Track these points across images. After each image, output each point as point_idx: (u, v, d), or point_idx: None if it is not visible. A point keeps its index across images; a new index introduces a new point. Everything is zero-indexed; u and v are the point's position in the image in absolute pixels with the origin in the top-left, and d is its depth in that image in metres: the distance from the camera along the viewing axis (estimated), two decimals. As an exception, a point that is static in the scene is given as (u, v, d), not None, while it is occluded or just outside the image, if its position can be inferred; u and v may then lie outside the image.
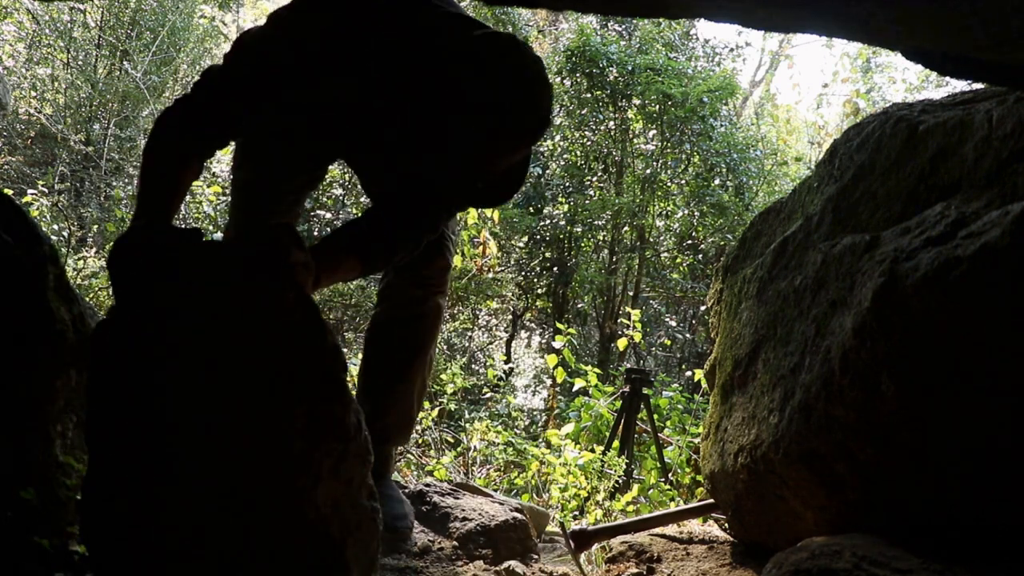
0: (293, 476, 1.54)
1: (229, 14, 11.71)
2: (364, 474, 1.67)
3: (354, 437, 1.62)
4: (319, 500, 1.58)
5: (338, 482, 1.60)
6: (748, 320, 2.50)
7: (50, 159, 9.00)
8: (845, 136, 2.52)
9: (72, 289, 1.74)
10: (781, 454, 2.09)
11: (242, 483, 1.51)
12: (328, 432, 1.59)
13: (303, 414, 1.55)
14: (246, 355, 1.52)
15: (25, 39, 9.28)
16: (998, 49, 1.51)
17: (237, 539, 1.52)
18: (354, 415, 1.63)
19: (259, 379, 1.52)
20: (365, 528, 1.66)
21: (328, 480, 1.58)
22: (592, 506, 3.78)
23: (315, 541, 1.57)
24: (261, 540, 1.53)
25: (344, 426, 1.61)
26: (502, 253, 9.37)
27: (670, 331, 10.53)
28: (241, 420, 1.51)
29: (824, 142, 12.57)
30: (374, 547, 1.71)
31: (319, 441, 1.58)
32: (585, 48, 9.42)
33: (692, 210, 9.74)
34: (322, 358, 1.58)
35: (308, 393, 1.56)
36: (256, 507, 1.53)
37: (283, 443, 1.53)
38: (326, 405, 1.57)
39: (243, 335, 1.53)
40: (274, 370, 1.54)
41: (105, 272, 5.97)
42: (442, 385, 5.72)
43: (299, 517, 1.55)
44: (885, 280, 1.77)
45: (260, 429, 1.52)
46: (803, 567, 1.72)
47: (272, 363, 1.54)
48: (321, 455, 1.58)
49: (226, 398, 1.50)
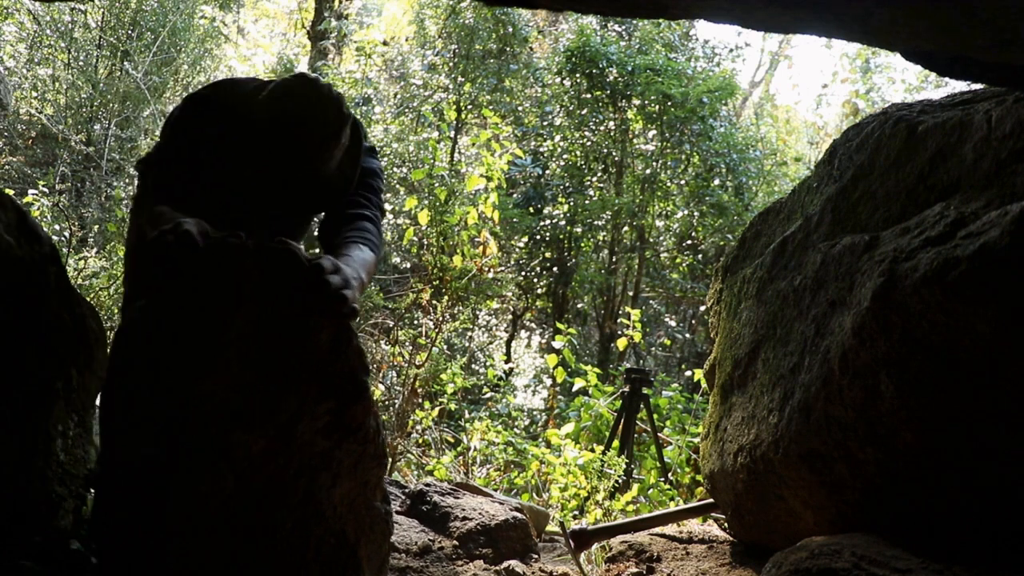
0: (314, 474, 1.57)
1: (229, 15, 11.71)
2: (379, 477, 1.70)
3: (372, 439, 1.65)
4: (336, 499, 1.61)
5: (355, 482, 1.63)
6: (748, 320, 2.50)
7: (51, 159, 9.01)
8: (844, 136, 2.52)
9: (73, 289, 1.74)
10: (781, 454, 2.09)
11: (263, 479, 1.53)
12: (349, 433, 1.61)
13: (326, 413, 1.58)
14: (276, 354, 1.53)
15: (26, 40, 9.28)
16: (998, 49, 1.51)
17: (255, 535, 1.53)
18: (373, 419, 1.65)
19: (288, 377, 1.54)
20: (378, 530, 1.70)
21: (346, 480, 1.61)
22: (592, 506, 3.78)
23: (331, 539, 1.59)
24: (279, 536, 1.55)
25: (364, 428, 1.63)
26: (502, 253, 9.37)
27: (670, 331, 10.53)
28: (267, 416, 1.52)
29: (823, 142, 12.58)
30: (386, 549, 1.74)
31: (340, 441, 1.60)
32: (585, 48, 9.43)
33: (692, 210, 9.74)
34: (348, 360, 1.60)
35: (333, 393, 1.58)
36: (276, 503, 1.54)
37: (307, 441, 1.55)
38: (349, 406, 1.59)
39: (275, 336, 1.54)
40: (303, 369, 1.55)
41: (105, 272, 5.97)
42: (442, 385, 5.72)
43: (317, 514, 1.58)
44: (884, 280, 1.77)
45: (286, 426, 1.54)
46: (803, 567, 1.72)
47: (302, 362, 1.55)
48: (342, 454, 1.60)
49: (255, 397, 1.51)
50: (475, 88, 9.98)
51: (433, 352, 6.38)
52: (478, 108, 9.98)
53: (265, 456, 1.53)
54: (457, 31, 10.10)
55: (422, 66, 10.48)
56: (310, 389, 1.55)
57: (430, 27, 10.71)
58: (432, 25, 10.69)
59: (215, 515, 1.50)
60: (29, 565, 1.51)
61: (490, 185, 5.97)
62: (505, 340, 11.09)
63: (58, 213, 6.66)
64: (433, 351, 6.38)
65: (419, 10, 10.90)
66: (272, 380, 1.52)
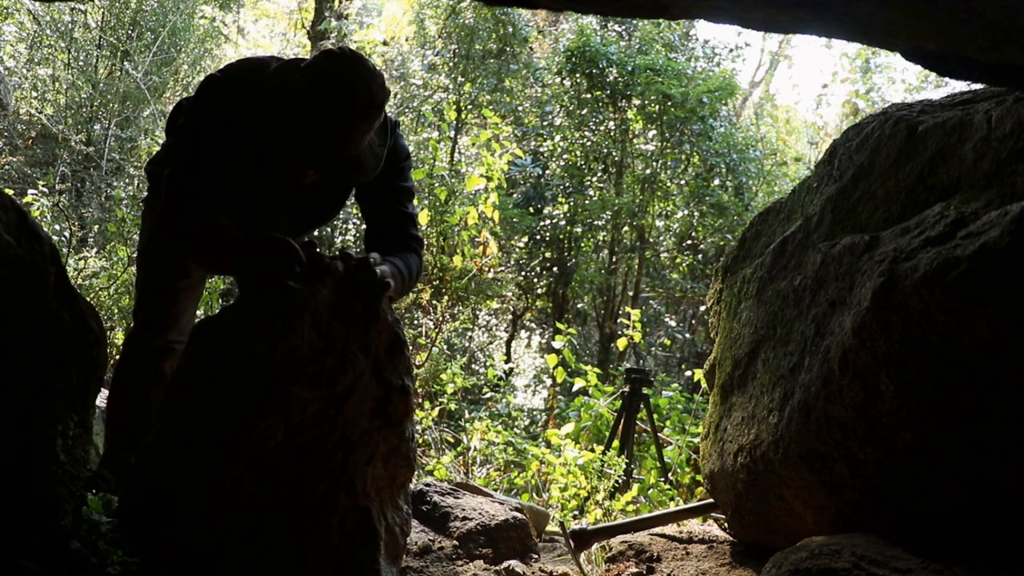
0: (352, 448, 1.79)
1: (229, 15, 11.71)
2: (406, 479, 1.92)
3: (406, 441, 1.89)
4: (368, 479, 1.81)
5: (386, 472, 1.86)
6: (748, 320, 2.50)
7: (51, 159, 9.00)
8: (844, 136, 2.52)
9: (73, 289, 1.74)
10: (781, 454, 2.09)
11: (308, 440, 1.73)
12: (389, 424, 1.85)
13: (373, 400, 1.82)
14: (342, 333, 1.79)
15: (26, 40, 9.28)
16: (998, 49, 1.52)
17: (288, 492, 1.72)
18: (410, 425, 1.91)
19: (347, 355, 1.79)
20: (399, 526, 1.89)
21: (379, 465, 1.84)
22: (592, 506, 3.78)
23: (356, 514, 1.79)
24: (310, 498, 1.74)
25: (402, 426, 1.88)
26: (502, 253, 9.36)
27: (670, 331, 10.53)
28: (326, 383, 1.76)
29: (823, 142, 12.57)
30: (402, 544, 1.92)
31: (381, 428, 1.84)
32: (585, 48, 9.42)
33: (692, 210, 9.73)
34: (399, 361, 1.87)
35: (382, 383, 1.83)
36: (314, 466, 1.74)
37: (353, 418, 1.79)
38: (392, 399, 1.85)
39: (343, 321, 1.80)
40: (361, 353, 1.81)
41: (105, 272, 5.97)
42: (442, 385, 5.72)
43: (348, 486, 1.78)
44: (884, 280, 1.77)
45: (339, 398, 1.77)
46: (803, 566, 1.72)
47: (361, 347, 1.81)
48: (379, 439, 1.83)
49: (319, 362, 1.75)
50: (475, 88, 9.98)
51: (433, 352, 6.38)
52: (478, 108, 9.98)
53: (315, 419, 1.75)
54: (457, 31, 10.10)
55: (422, 66, 10.48)
56: (364, 371, 1.81)
57: (430, 27, 10.70)
58: (432, 25, 10.68)
59: (257, 467, 1.69)
60: (29, 565, 1.51)
61: (490, 185, 5.97)
62: (505, 340, 11.08)
63: (58, 213, 6.65)
64: (433, 351, 6.38)
65: (419, 10, 10.89)
66: (333, 353, 1.77)
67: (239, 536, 1.70)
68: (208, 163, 2.00)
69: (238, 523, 1.70)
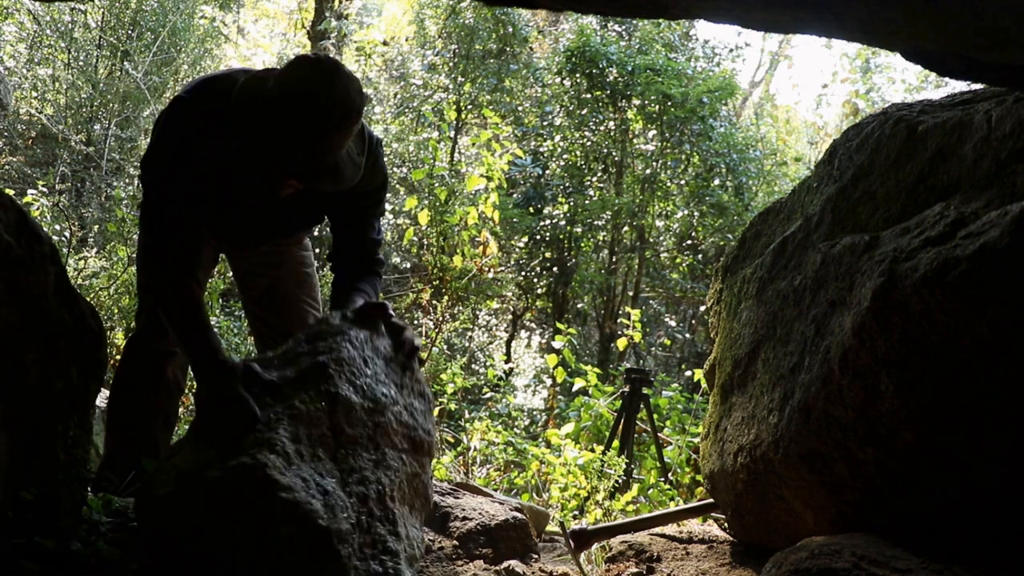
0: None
1: (229, 15, 11.71)
2: (427, 467, 2.07)
3: (428, 434, 2.06)
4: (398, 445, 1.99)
5: (414, 457, 2.02)
6: (748, 320, 2.50)
7: (51, 159, 9.00)
8: (844, 136, 2.52)
9: (73, 289, 1.74)
10: (781, 454, 2.09)
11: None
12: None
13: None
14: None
15: (26, 40, 9.28)
16: (998, 49, 1.52)
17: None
18: (433, 428, 2.09)
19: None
20: (421, 495, 2.01)
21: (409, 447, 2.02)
22: (592, 506, 3.78)
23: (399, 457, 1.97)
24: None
25: (427, 428, 2.06)
26: (502, 253, 9.37)
27: (670, 331, 10.53)
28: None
29: (823, 142, 12.57)
30: (425, 514, 2.08)
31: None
32: (585, 48, 9.42)
33: (692, 210, 9.74)
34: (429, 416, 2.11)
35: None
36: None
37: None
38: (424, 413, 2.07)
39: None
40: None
41: (105, 272, 5.97)
42: (442, 385, 5.72)
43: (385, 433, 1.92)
44: (884, 280, 1.77)
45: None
46: (803, 566, 1.72)
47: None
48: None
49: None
50: (475, 88, 9.98)
51: (433, 352, 6.38)
52: (478, 108, 9.98)
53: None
54: (457, 31, 10.10)
55: (422, 66, 10.48)
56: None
57: (430, 27, 10.70)
58: (432, 25, 10.69)
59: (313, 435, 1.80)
60: (29, 565, 1.51)
61: (490, 185, 5.97)
62: (505, 340, 11.09)
63: (58, 213, 6.65)
64: (433, 351, 6.38)
65: (419, 10, 10.90)
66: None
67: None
68: (185, 192, 1.99)
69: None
